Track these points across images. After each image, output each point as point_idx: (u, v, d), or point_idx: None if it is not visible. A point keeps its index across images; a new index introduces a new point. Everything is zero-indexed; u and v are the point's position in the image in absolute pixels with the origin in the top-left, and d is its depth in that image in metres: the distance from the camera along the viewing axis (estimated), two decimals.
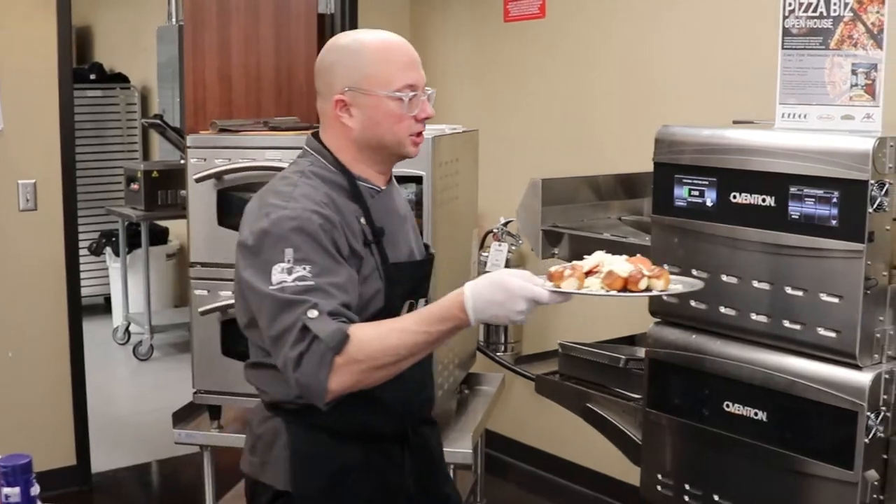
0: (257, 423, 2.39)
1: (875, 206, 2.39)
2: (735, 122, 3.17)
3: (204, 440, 3.80)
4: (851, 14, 2.66)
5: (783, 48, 2.74)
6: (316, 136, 2.38)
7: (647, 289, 2.11)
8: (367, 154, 2.32)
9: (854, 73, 2.67)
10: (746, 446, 2.66)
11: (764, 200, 2.58)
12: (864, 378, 2.45)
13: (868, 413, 2.43)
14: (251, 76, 4.83)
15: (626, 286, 2.11)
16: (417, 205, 3.30)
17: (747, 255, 2.64)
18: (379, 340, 2.12)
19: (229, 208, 3.63)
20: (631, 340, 3.48)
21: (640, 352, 3.07)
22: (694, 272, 2.74)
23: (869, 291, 2.42)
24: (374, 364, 2.11)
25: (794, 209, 2.52)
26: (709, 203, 2.69)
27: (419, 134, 2.32)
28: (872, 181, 2.39)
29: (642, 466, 2.95)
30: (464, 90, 5.10)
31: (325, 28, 4.89)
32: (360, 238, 2.25)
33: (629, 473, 3.18)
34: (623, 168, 3.67)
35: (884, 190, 2.39)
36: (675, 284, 2.16)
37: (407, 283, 2.35)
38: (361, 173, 2.32)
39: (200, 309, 3.66)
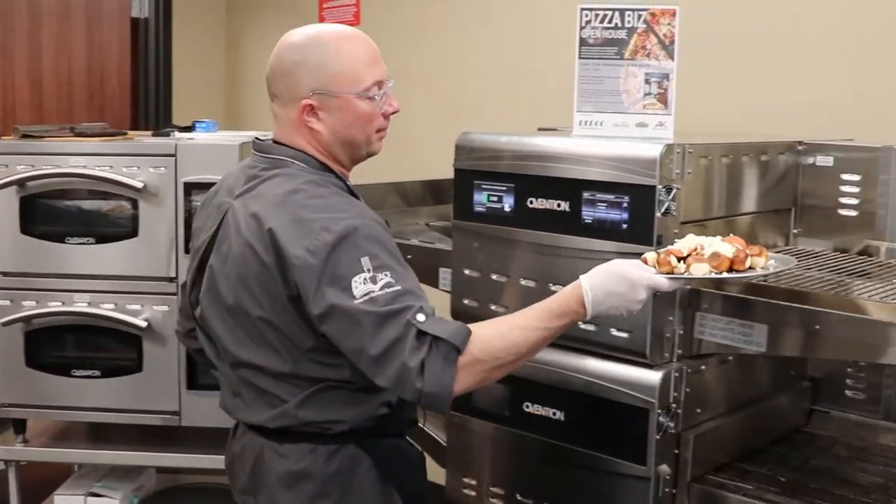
0: (324, 463, 2.21)
1: (663, 210, 2.47)
2: (540, 130, 3.24)
3: (7, 455, 3.70)
4: (645, 26, 2.75)
5: (580, 58, 2.81)
6: (275, 142, 2.25)
7: (750, 267, 2.18)
8: (338, 155, 2.24)
9: (647, 82, 2.76)
10: (546, 445, 2.72)
11: (559, 205, 2.64)
12: (654, 376, 2.52)
13: (659, 410, 2.51)
14: (63, 80, 4.74)
15: (732, 266, 2.16)
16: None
17: (544, 260, 2.69)
18: (501, 339, 2.05)
19: (33, 216, 3.54)
20: None
21: None
22: (493, 276, 2.80)
23: (659, 293, 2.50)
24: (496, 363, 2.04)
25: (588, 214, 2.58)
26: (507, 208, 2.74)
27: (383, 129, 2.25)
28: (660, 186, 2.47)
29: (447, 468, 2.99)
30: None
31: (139, 32, 4.83)
32: None
33: (437, 475, 3.21)
34: (435, 175, 3.71)
35: (671, 195, 2.48)
36: (770, 261, 2.26)
37: None
38: (340, 174, 2.25)
39: (3, 320, 3.56)
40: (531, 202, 2.69)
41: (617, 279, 2.11)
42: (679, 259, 2.20)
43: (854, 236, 2.87)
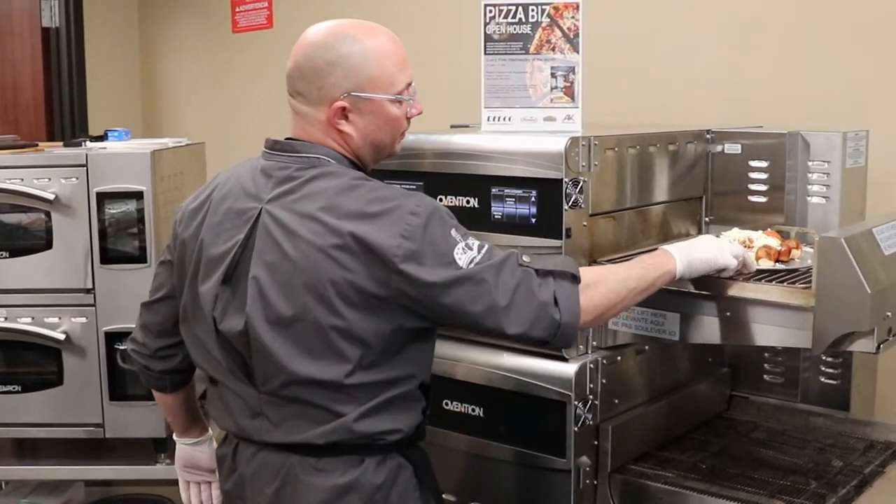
0: (372, 474, 2.13)
1: (571, 203, 2.49)
2: (453, 127, 3.25)
3: None
4: (549, 20, 2.76)
5: (486, 54, 2.82)
6: (297, 140, 2.20)
7: (791, 259, 2.41)
8: (364, 158, 2.19)
9: (553, 76, 2.78)
10: (467, 442, 2.72)
11: (468, 202, 2.65)
12: (570, 369, 2.53)
13: (576, 402, 2.52)
14: None
15: (779, 258, 2.37)
16: (139, 221, 3.25)
17: None
18: (604, 268, 2.23)
19: None
20: None
21: None
22: None
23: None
24: (605, 286, 2.13)
25: (497, 209, 2.59)
26: None
27: (405, 132, 2.23)
28: (567, 179, 2.47)
29: None
30: (195, 102, 5.05)
31: (51, 42, 4.76)
32: None
33: None
34: None
35: (578, 187, 2.49)
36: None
37: None
38: None
39: None
40: (441, 200, 2.69)
41: (704, 248, 2.31)
42: None
43: (764, 222, 2.89)
